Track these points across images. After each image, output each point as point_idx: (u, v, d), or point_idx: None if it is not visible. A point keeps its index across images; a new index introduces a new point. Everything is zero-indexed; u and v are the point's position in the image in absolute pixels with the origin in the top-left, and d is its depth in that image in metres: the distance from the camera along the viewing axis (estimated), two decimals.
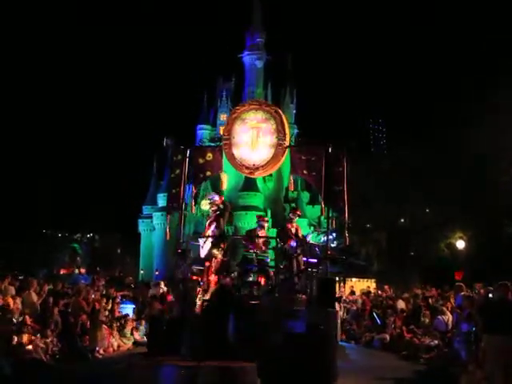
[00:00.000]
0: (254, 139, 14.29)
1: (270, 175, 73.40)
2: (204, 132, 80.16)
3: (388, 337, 18.45)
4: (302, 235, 14.67)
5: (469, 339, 11.98)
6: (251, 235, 14.44)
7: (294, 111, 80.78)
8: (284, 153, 14.14)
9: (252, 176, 15.35)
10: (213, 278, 12.88)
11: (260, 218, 15.50)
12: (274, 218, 64.90)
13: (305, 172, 14.09)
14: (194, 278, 13.22)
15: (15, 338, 12.64)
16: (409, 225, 33.50)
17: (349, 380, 12.34)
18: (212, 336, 10.63)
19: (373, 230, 34.18)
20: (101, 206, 62.83)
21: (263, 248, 14.22)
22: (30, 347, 12.90)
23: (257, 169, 14.47)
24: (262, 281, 13.52)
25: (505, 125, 28.64)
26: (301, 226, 15.14)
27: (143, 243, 78.53)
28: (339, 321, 19.78)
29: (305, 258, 13.77)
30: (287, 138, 14.21)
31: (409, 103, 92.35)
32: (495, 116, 29.27)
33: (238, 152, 14.43)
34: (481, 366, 10.48)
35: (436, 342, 15.26)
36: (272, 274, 13.82)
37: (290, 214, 14.95)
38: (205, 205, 67.87)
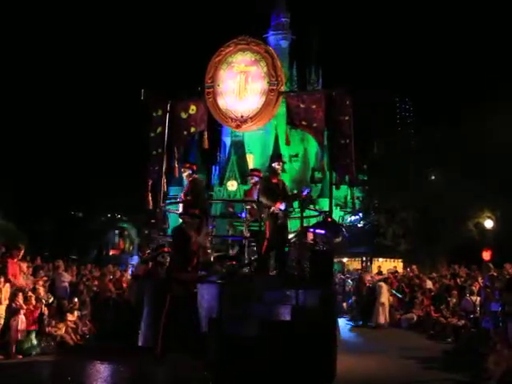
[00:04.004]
0: (242, 86, 12.28)
1: (296, 155, 73.06)
2: None
3: (415, 316, 18.45)
4: (293, 192, 12.14)
5: (497, 319, 11.94)
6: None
7: None
8: (277, 101, 12.08)
9: (239, 130, 12.90)
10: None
11: (251, 173, 12.99)
12: None
13: (303, 123, 11.97)
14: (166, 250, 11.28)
15: (46, 319, 12.91)
16: (436, 204, 33.21)
17: (375, 359, 12.39)
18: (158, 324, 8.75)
19: (400, 210, 33.95)
20: (128, 187, 63.02)
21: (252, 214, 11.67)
22: (62, 327, 13.18)
23: (245, 121, 12.27)
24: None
25: None
26: (326, 206, 13.26)
27: (171, 223, 79.19)
28: (385, 302, 19.13)
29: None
30: (281, 83, 12.08)
31: (436, 81, 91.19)
32: None
33: (223, 102, 12.39)
34: (510, 346, 10.47)
35: (463, 321, 15.22)
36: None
37: (274, 164, 11.31)
38: (231, 186, 68.20)
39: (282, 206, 10.78)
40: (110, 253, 53.35)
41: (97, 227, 53.29)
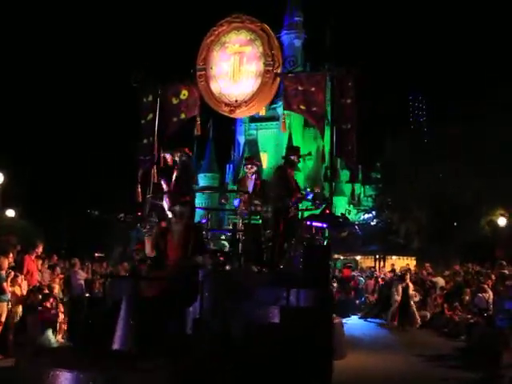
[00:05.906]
0: (236, 68, 11.37)
1: (310, 154, 72.86)
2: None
3: (428, 314, 18.46)
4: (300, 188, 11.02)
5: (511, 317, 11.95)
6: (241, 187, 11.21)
7: None
8: (274, 83, 11.15)
9: (233, 115, 11.84)
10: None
11: (248, 161, 12.07)
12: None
13: (302, 107, 11.01)
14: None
15: (63, 316, 13.06)
16: (449, 202, 33.13)
17: (387, 357, 12.43)
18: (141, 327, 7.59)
19: (413, 208, 33.90)
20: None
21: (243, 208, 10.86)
22: None
23: (239, 106, 11.36)
24: None
25: None
26: (340, 204, 12.88)
27: None
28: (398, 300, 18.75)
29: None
30: (278, 64, 11.12)
31: (450, 78, 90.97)
32: None
33: (216, 86, 11.50)
34: None
35: (476, 319, 15.22)
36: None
37: (293, 157, 10.84)
38: None
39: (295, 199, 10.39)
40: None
41: (119, 224, 53.15)
